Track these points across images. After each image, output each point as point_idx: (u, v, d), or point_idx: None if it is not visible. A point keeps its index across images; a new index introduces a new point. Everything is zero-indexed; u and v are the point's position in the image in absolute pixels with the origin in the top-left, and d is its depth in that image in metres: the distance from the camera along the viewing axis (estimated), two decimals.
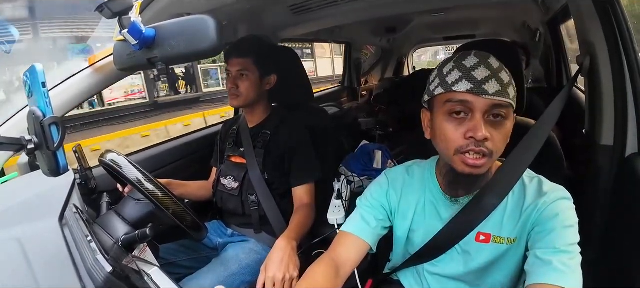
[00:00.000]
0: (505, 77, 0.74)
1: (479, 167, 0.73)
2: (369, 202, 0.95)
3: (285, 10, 1.65)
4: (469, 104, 0.72)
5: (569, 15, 1.89)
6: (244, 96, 1.36)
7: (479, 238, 0.85)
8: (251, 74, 1.35)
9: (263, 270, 1.03)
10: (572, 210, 0.77)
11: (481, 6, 2.54)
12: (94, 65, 1.19)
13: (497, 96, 0.71)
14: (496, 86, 0.71)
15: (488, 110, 0.72)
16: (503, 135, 0.74)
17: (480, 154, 0.72)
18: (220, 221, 1.53)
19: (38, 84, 0.70)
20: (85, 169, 1.20)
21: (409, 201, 0.93)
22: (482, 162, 0.73)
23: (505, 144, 0.76)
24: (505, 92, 0.72)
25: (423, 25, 3.36)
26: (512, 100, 0.74)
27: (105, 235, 0.85)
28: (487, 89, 0.71)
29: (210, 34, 0.67)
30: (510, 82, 0.75)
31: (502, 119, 0.73)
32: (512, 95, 0.74)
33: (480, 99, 0.71)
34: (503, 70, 0.75)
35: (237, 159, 1.44)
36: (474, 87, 0.71)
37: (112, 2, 0.65)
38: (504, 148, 0.77)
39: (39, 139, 0.71)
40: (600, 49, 1.12)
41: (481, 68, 0.73)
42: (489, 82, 0.71)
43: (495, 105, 0.72)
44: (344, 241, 0.91)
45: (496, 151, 0.74)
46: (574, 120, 1.48)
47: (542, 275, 0.70)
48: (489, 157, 0.73)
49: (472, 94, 0.72)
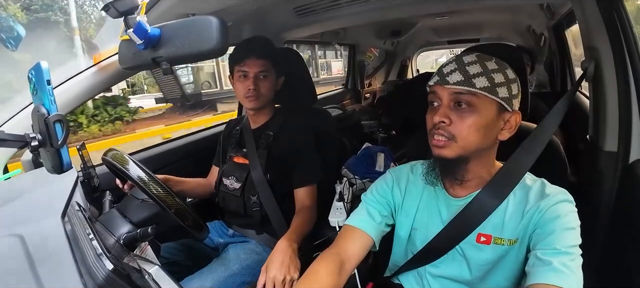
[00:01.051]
0: (475, 69, 0.79)
1: (441, 148, 0.81)
2: (374, 198, 0.97)
3: (289, 12, 1.65)
4: (436, 94, 0.82)
5: (574, 21, 1.89)
6: (265, 97, 1.37)
7: (479, 240, 0.85)
8: (271, 75, 1.37)
9: (264, 270, 1.03)
10: (573, 213, 0.78)
11: (486, 10, 2.53)
12: (99, 63, 1.20)
13: (457, 85, 0.78)
14: (458, 77, 0.79)
15: (452, 99, 0.80)
16: (471, 122, 0.78)
17: (441, 136, 0.80)
18: (221, 221, 1.53)
19: (43, 81, 0.70)
20: (88, 167, 1.21)
21: (412, 199, 0.95)
22: (442, 142, 0.80)
23: (477, 132, 0.79)
24: (468, 82, 0.78)
25: (427, 29, 3.36)
26: (482, 91, 0.77)
27: (107, 233, 0.85)
28: (448, 80, 0.80)
29: (215, 35, 0.67)
30: (486, 74, 0.78)
31: (467, 107, 0.79)
32: (482, 86, 0.77)
33: (443, 89, 0.81)
34: (478, 64, 0.80)
35: (240, 160, 1.44)
36: (439, 79, 0.82)
37: (118, 1, 0.65)
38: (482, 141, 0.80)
39: (43, 136, 0.72)
40: (605, 54, 1.12)
41: (451, 64, 0.82)
42: (453, 74, 0.80)
43: (456, 92, 0.79)
44: (350, 235, 0.92)
45: (460, 136, 0.79)
46: (578, 125, 1.48)
47: (542, 275, 0.71)
48: (451, 140, 0.80)
49: (438, 84, 0.82)
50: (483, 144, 0.81)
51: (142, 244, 0.93)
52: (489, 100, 0.78)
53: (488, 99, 0.78)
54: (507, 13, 2.62)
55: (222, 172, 1.47)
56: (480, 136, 0.79)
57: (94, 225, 0.81)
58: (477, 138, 0.79)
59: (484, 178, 0.86)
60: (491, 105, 0.79)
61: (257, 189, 1.37)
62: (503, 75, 0.80)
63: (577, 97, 1.98)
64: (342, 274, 0.84)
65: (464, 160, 0.82)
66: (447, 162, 0.82)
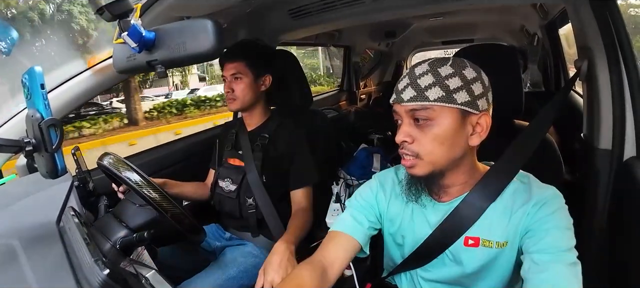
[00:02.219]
0: (427, 81, 0.75)
1: (410, 167, 0.80)
2: (358, 203, 0.95)
3: (284, 14, 1.65)
4: (396, 112, 0.81)
5: (567, 20, 1.90)
6: (240, 99, 1.37)
7: (467, 243, 0.83)
8: (245, 76, 1.36)
9: (261, 273, 1.03)
10: (564, 210, 0.77)
11: (480, 10, 2.55)
12: (93, 67, 1.19)
13: (411, 102, 0.76)
14: (411, 92, 0.76)
15: (410, 115, 0.78)
16: (432, 136, 0.76)
17: (406, 156, 0.80)
18: (218, 224, 1.53)
19: (37, 85, 0.70)
20: (83, 172, 1.20)
21: (397, 205, 0.93)
22: (409, 162, 0.80)
23: (442, 144, 0.77)
24: (420, 96, 0.75)
25: (422, 30, 3.37)
26: (436, 102, 0.74)
27: (103, 238, 0.84)
28: (402, 97, 0.78)
29: (210, 37, 0.68)
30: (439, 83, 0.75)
31: (427, 121, 0.76)
32: (436, 97, 0.74)
33: (399, 107, 0.79)
34: (429, 74, 0.76)
35: (235, 162, 1.44)
36: (396, 97, 0.80)
37: (112, 5, 0.65)
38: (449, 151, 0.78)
39: (38, 140, 0.71)
40: (598, 53, 1.12)
41: (404, 79, 0.79)
42: (406, 90, 0.77)
43: (411, 109, 0.77)
44: (333, 240, 0.90)
45: (425, 152, 0.78)
46: (572, 124, 1.49)
47: (540, 280, 0.69)
48: (417, 157, 0.78)
49: (395, 103, 0.80)
50: (452, 155, 0.78)
51: (139, 249, 0.92)
52: (446, 110, 0.75)
53: (446, 109, 0.75)
54: (501, 13, 2.64)
55: (217, 174, 1.47)
56: (446, 148, 0.77)
57: (89, 230, 0.80)
58: (442, 151, 0.77)
59: (468, 182, 0.84)
60: (451, 114, 0.75)
61: (253, 191, 1.36)
62: (460, 78, 0.75)
63: (571, 96, 1.99)
64: (325, 280, 0.82)
65: (438, 174, 0.80)
66: (421, 178, 0.82)
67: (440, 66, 0.77)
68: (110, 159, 0.98)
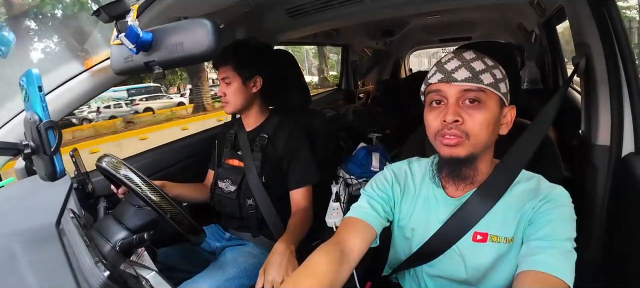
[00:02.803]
0: (479, 66, 0.78)
1: (454, 146, 0.79)
2: (374, 192, 0.94)
3: (282, 14, 1.65)
4: (441, 92, 0.80)
5: (564, 17, 1.90)
6: (232, 103, 1.37)
7: (475, 238, 0.84)
8: (233, 80, 1.35)
9: (262, 273, 1.03)
10: (569, 207, 0.78)
11: (477, 8, 2.55)
12: (91, 69, 1.19)
13: (466, 82, 0.77)
14: (466, 73, 0.78)
15: (460, 96, 0.78)
16: (482, 118, 0.77)
17: (453, 135, 0.78)
18: (218, 225, 1.52)
19: (34, 88, 0.70)
20: (82, 173, 1.20)
21: (409, 198, 0.93)
22: (456, 141, 0.78)
23: (487, 128, 0.78)
24: (476, 78, 0.77)
25: (420, 28, 3.38)
26: (489, 87, 0.77)
27: (103, 240, 0.84)
28: (456, 77, 0.78)
29: (208, 38, 0.67)
30: (489, 70, 0.79)
31: (479, 103, 0.78)
32: (489, 82, 0.77)
33: (450, 86, 0.79)
34: (479, 60, 0.80)
35: (235, 162, 1.44)
36: (444, 77, 0.79)
37: (109, 6, 0.65)
38: (490, 137, 0.80)
39: (36, 143, 0.71)
40: (595, 50, 1.13)
41: (453, 60, 0.81)
42: (459, 71, 0.78)
43: (466, 90, 0.78)
44: (352, 227, 0.87)
45: (473, 133, 0.78)
46: (570, 121, 1.49)
47: (533, 263, 0.71)
48: (465, 138, 0.78)
49: (443, 82, 0.80)
50: (490, 140, 0.81)
51: (139, 250, 0.92)
52: (494, 96, 0.79)
53: (493, 95, 0.78)
54: (498, 11, 2.64)
55: (217, 175, 1.47)
56: (490, 132, 0.79)
57: (89, 232, 0.80)
58: (486, 134, 0.79)
59: (480, 176, 0.85)
60: (496, 101, 0.79)
61: (252, 192, 1.36)
62: (500, 71, 0.81)
63: (569, 93, 1.99)
64: (343, 265, 0.78)
65: (474, 157, 0.81)
66: (459, 161, 0.81)
67: (484, 58, 0.81)
68: (109, 161, 0.97)
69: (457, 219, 0.84)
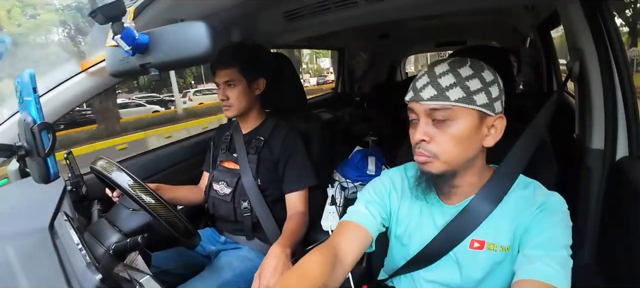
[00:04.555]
0: (448, 81, 0.75)
1: (424, 164, 0.80)
2: (371, 197, 0.93)
3: (278, 17, 1.65)
4: (413, 111, 0.80)
5: (559, 21, 1.92)
6: (236, 106, 1.36)
7: (472, 245, 0.84)
8: (238, 82, 1.34)
9: (257, 277, 1.02)
10: (565, 214, 0.77)
11: (472, 12, 2.57)
12: (86, 70, 1.18)
13: (431, 101, 0.76)
14: (432, 91, 0.76)
15: (428, 114, 0.77)
16: (450, 137, 0.76)
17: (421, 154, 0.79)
18: (213, 228, 1.52)
19: (29, 89, 0.69)
20: (76, 176, 1.19)
21: (406, 204, 0.93)
22: (424, 159, 0.79)
23: (459, 144, 0.77)
24: (441, 95, 0.75)
25: (415, 32, 3.39)
26: (457, 103, 0.74)
27: (96, 243, 0.83)
28: (422, 95, 0.77)
29: (204, 40, 0.67)
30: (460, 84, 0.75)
31: (446, 121, 0.76)
32: (457, 97, 0.74)
33: (418, 105, 0.78)
34: (450, 74, 0.76)
35: (230, 165, 1.43)
36: (413, 95, 0.79)
37: (105, 7, 0.64)
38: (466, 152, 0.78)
39: (30, 145, 0.71)
40: (589, 53, 1.14)
41: (423, 77, 0.79)
42: (425, 89, 0.77)
43: (431, 109, 0.76)
44: (346, 230, 0.86)
45: (441, 152, 0.77)
46: (564, 124, 1.50)
47: (529, 272, 0.70)
48: (433, 157, 0.78)
49: (413, 101, 0.79)
50: (466, 156, 0.79)
51: (133, 254, 0.92)
52: (466, 111, 0.75)
53: (465, 110, 0.75)
54: (493, 15, 2.66)
55: (212, 177, 1.46)
56: (463, 149, 0.77)
57: (82, 235, 0.79)
58: (458, 151, 0.77)
59: (476, 184, 0.84)
60: (470, 115, 0.76)
61: (247, 195, 1.36)
62: (479, 80, 0.76)
63: (563, 97, 2.01)
64: (337, 269, 0.78)
65: (450, 174, 0.80)
66: (435, 176, 0.81)
67: (460, 66, 0.77)
68: (104, 163, 0.97)
69: (455, 226, 0.84)
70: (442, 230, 0.85)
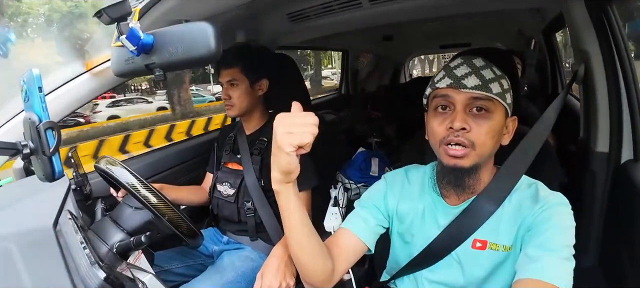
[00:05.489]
0: (489, 74, 0.78)
1: (460, 158, 0.77)
2: (366, 203, 0.95)
3: (283, 18, 1.65)
4: (450, 98, 0.78)
5: (564, 24, 1.91)
6: (238, 105, 1.37)
7: (475, 245, 0.84)
8: (241, 82, 1.35)
9: (259, 277, 1.02)
10: (568, 215, 0.77)
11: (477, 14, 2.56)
12: (91, 70, 1.19)
13: (476, 90, 0.76)
14: (476, 81, 0.76)
15: (468, 103, 0.77)
16: (488, 128, 0.77)
17: (460, 145, 0.77)
18: (216, 228, 1.52)
19: (34, 88, 0.70)
20: (80, 175, 1.19)
21: (406, 206, 0.93)
22: (462, 152, 0.77)
23: (492, 138, 0.78)
24: (485, 86, 0.76)
25: (420, 34, 3.39)
26: (497, 97, 0.76)
27: (100, 242, 0.84)
28: (465, 83, 0.76)
29: (209, 41, 0.67)
30: (498, 80, 0.78)
31: (486, 112, 0.77)
32: (497, 91, 0.77)
33: (459, 93, 0.77)
34: (488, 68, 0.79)
35: (234, 166, 1.44)
36: (453, 82, 0.78)
37: (110, 8, 0.65)
38: (494, 147, 0.80)
39: (35, 143, 0.71)
40: (594, 56, 1.13)
41: (463, 66, 0.79)
42: (469, 77, 0.77)
43: (475, 97, 0.76)
44: (340, 237, 0.91)
45: (479, 143, 0.77)
46: (569, 127, 1.49)
47: (530, 271, 0.70)
48: (470, 148, 0.77)
49: (451, 88, 0.78)
50: (493, 150, 0.80)
51: (136, 253, 0.92)
52: (501, 106, 0.78)
53: (500, 105, 0.78)
54: (498, 17, 2.65)
55: (215, 178, 1.46)
56: (493, 143, 0.78)
57: (86, 233, 0.80)
58: (491, 144, 0.78)
59: (481, 183, 0.84)
60: (502, 111, 0.79)
61: (251, 195, 1.36)
62: (506, 82, 0.80)
63: (568, 99, 2.00)
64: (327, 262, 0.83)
65: (477, 167, 0.80)
66: (463, 171, 0.79)
67: (492, 66, 0.80)
68: (108, 163, 0.97)
69: (457, 226, 0.84)
70: (445, 230, 0.85)
